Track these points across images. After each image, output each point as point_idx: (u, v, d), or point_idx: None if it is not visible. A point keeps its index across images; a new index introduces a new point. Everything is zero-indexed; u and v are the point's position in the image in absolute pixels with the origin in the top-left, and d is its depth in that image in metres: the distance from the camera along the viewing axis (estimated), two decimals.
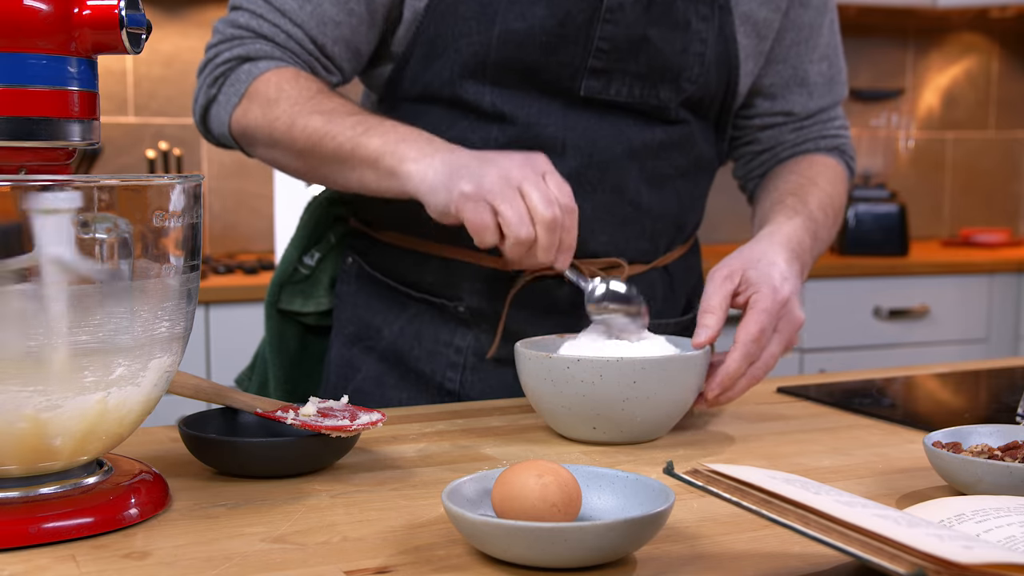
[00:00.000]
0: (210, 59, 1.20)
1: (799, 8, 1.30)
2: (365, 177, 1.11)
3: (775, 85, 1.33)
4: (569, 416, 1.00)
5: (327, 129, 1.11)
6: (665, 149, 1.24)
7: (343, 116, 1.12)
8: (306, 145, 1.13)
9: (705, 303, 1.06)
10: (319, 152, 1.13)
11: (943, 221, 3.80)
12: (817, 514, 0.61)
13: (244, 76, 1.17)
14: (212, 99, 1.20)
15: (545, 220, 1.01)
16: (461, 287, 1.23)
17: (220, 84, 1.19)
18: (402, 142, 1.08)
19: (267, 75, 1.16)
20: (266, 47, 1.18)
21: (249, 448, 0.89)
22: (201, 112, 1.22)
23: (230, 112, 1.18)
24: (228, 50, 1.19)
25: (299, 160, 1.16)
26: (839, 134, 1.38)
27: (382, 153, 1.08)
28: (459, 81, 1.18)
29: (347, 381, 1.29)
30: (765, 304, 1.05)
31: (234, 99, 1.17)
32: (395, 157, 1.07)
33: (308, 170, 1.18)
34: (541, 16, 1.15)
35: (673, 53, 1.19)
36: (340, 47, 1.20)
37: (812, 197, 1.25)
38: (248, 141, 1.19)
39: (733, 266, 1.09)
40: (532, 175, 1.02)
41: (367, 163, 1.10)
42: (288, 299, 1.35)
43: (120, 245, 0.72)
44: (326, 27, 1.18)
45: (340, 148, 1.11)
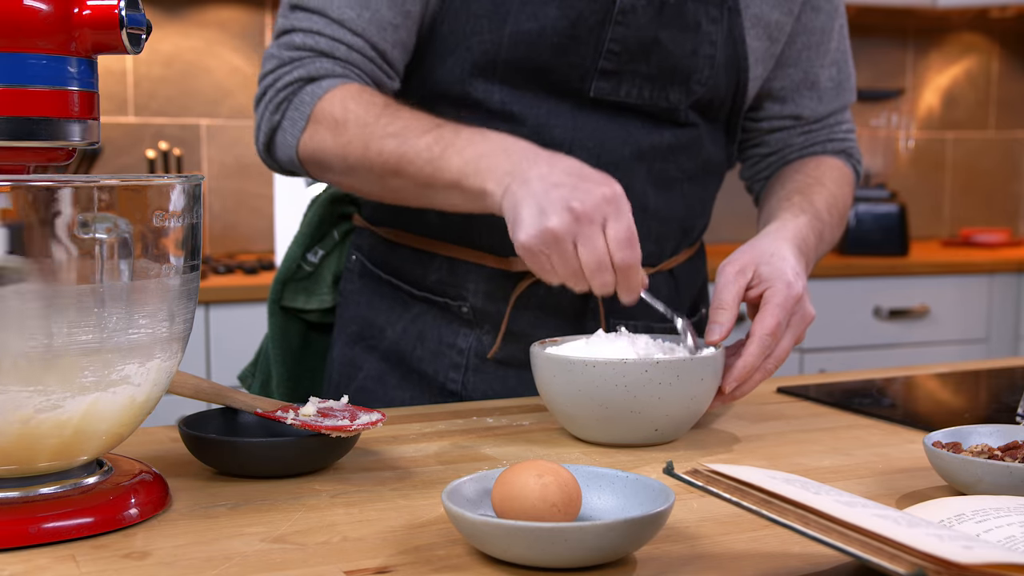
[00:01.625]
0: (269, 85, 1.16)
1: (811, 12, 1.31)
2: (451, 199, 1.08)
3: (785, 88, 1.33)
4: (586, 418, 0.99)
5: (403, 152, 1.08)
6: (673, 152, 1.24)
7: (417, 135, 1.08)
8: (383, 170, 1.09)
9: (717, 299, 1.06)
10: (400, 176, 1.09)
11: (943, 221, 3.80)
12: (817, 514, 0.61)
13: (308, 98, 1.13)
14: (276, 126, 1.15)
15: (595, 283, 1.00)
16: (465, 287, 1.23)
17: (284, 109, 1.15)
18: (482, 159, 1.04)
19: (331, 94, 1.12)
20: (327, 64, 1.14)
21: (249, 448, 0.89)
22: (265, 140, 1.17)
23: (297, 137, 1.14)
24: (288, 73, 1.15)
25: (378, 184, 1.12)
26: (846, 137, 1.38)
27: (464, 175, 1.05)
28: (469, 79, 1.18)
29: (349, 380, 1.29)
30: (780, 299, 1.05)
31: (300, 123, 1.13)
32: (478, 178, 1.04)
33: (389, 193, 1.13)
34: (553, 17, 1.15)
35: (683, 55, 1.19)
36: (398, 50, 1.17)
37: (819, 197, 1.25)
38: (320, 168, 1.15)
39: (744, 261, 1.09)
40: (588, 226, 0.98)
41: (451, 186, 1.06)
42: (291, 296, 1.35)
43: (120, 245, 0.72)
44: (385, 32, 1.15)
45: (420, 172, 1.07)
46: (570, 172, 1.01)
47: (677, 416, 1.00)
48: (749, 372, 1.04)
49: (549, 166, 1.01)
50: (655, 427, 0.99)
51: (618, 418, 0.98)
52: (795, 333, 1.08)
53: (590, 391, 0.97)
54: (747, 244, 1.13)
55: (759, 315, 1.05)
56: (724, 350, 1.03)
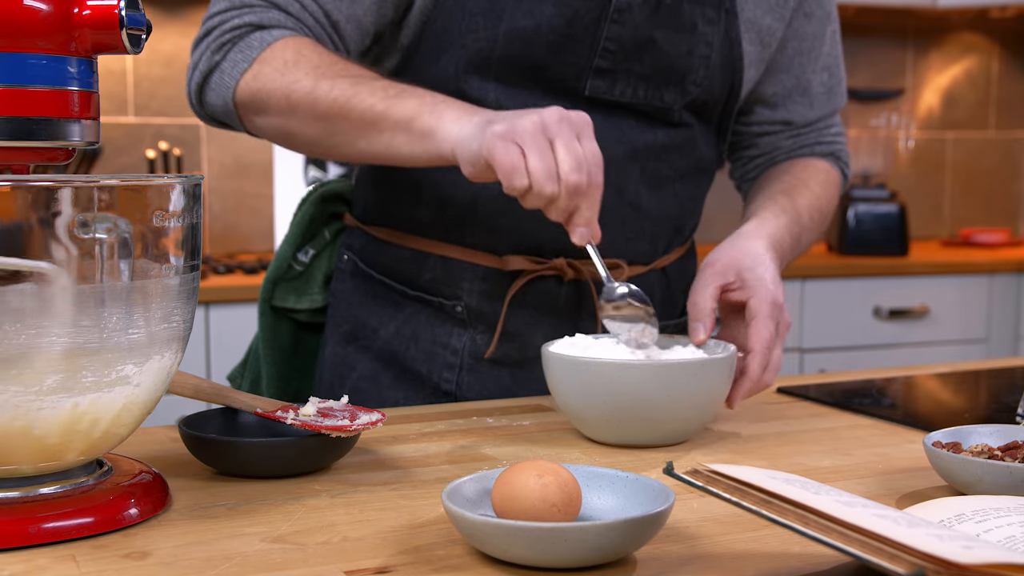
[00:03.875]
0: (215, 26, 1.14)
1: (803, 19, 1.31)
2: (395, 140, 1.05)
3: (777, 95, 1.34)
4: (598, 419, 0.99)
5: (355, 91, 1.06)
6: (666, 151, 1.24)
7: (372, 79, 1.08)
8: (330, 108, 1.07)
9: (692, 300, 1.08)
10: (345, 115, 1.07)
11: (943, 221, 3.80)
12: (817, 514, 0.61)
13: (256, 43, 1.11)
14: (215, 65, 1.13)
15: (569, 183, 0.95)
16: (459, 286, 1.23)
17: (227, 51, 1.13)
18: (441, 103, 1.04)
19: (283, 41, 1.11)
20: (279, 16, 1.13)
21: (249, 448, 0.89)
22: (200, 79, 1.15)
23: (237, 78, 1.11)
24: (237, 16, 1.13)
25: (318, 125, 1.10)
26: (835, 140, 1.40)
27: (418, 113, 1.03)
28: (464, 77, 1.18)
29: (342, 380, 1.29)
30: (768, 310, 1.07)
31: (243, 64, 1.11)
32: (433, 116, 1.02)
33: (327, 136, 1.11)
34: (549, 15, 1.15)
35: (679, 55, 1.20)
36: (352, 26, 1.17)
37: (802, 199, 1.27)
38: (255, 108, 1.13)
39: (725, 262, 1.10)
40: (567, 132, 0.97)
41: (400, 125, 1.04)
42: (282, 296, 1.35)
43: (120, 245, 0.72)
44: (341, 3, 1.15)
45: (370, 109, 1.05)
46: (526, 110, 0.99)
47: (691, 417, 1.00)
48: (756, 387, 1.06)
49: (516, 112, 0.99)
50: (668, 428, 0.99)
51: (631, 419, 0.98)
52: (782, 340, 1.10)
53: (603, 392, 0.97)
54: (727, 242, 1.14)
55: (753, 327, 1.07)
56: (736, 350, 1.03)
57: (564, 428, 1.07)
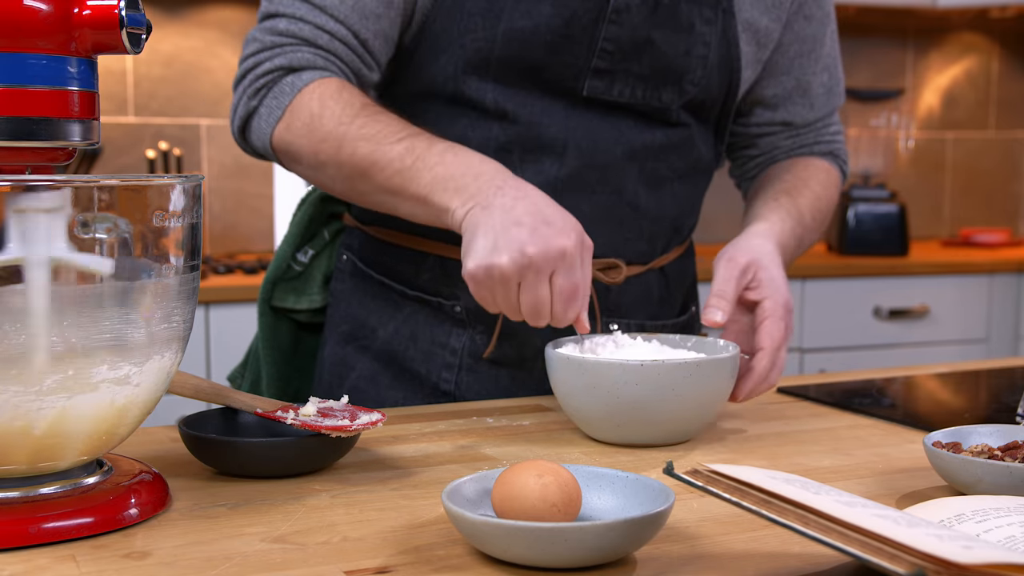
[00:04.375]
0: (249, 69, 1.16)
1: (802, 21, 1.31)
2: (415, 211, 1.09)
3: (777, 96, 1.35)
4: (600, 418, 0.99)
5: (374, 159, 1.08)
6: (665, 151, 1.24)
7: (390, 143, 1.09)
8: (352, 172, 1.11)
9: (720, 289, 1.09)
10: (368, 180, 1.10)
11: (943, 221, 3.80)
12: (817, 514, 0.61)
13: (288, 89, 1.14)
14: (253, 111, 1.16)
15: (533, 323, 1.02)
16: (458, 286, 1.23)
17: (262, 96, 1.15)
18: (450, 180, 1.05)
19: (311, 87, 1.13)
20: (308, 55, 1.15)
21: (249, 448, 0.89)
22: (240, 124, 1.18)
23: (272, 126, 1.14)
24: (269, 60, 1.15)
25: (345, 184, 1.13)
26: (834, 139, 1.41)
27: (431, 191, 1.06)
28: (462, 77, 1.18)
29: (341, 380, 1.29)
30: (779, 311, 1.10)
31: (277, 112, 1.14)
32: (444, 196, 1.05)
33: (355, 196, 1.15)
34: (547, 15, 1.15)
35: (676, 55, 1.20)
36: (380, 41, 1.17)
37: (804, 200, 1.28)
38: (291, 159, 1.16)
39: (747, 260, 1.12)
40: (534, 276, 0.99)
41: (417, 200, 1.07)
42: (281, 296, 1.35)
43: (120, 245, 0.72)
44: (367, 21, 1.16)
45: (389, 181, 1.08)
46: (533, 212, 1.00)
47: (693, 417, 1.00)
48: (763, 386, 1.09)
49: (514, 198, 1.01)
50: (670, 428, 1.00)
51: (634, 419, 0.98)
52: (788, 343, 1.12)
53: (606, 392, 0.97)
54: (742, 241, 1.16)
55: (765, 327, 1.09)
56: (739, 351, 1.04)
57: (564, 428, 1.08)
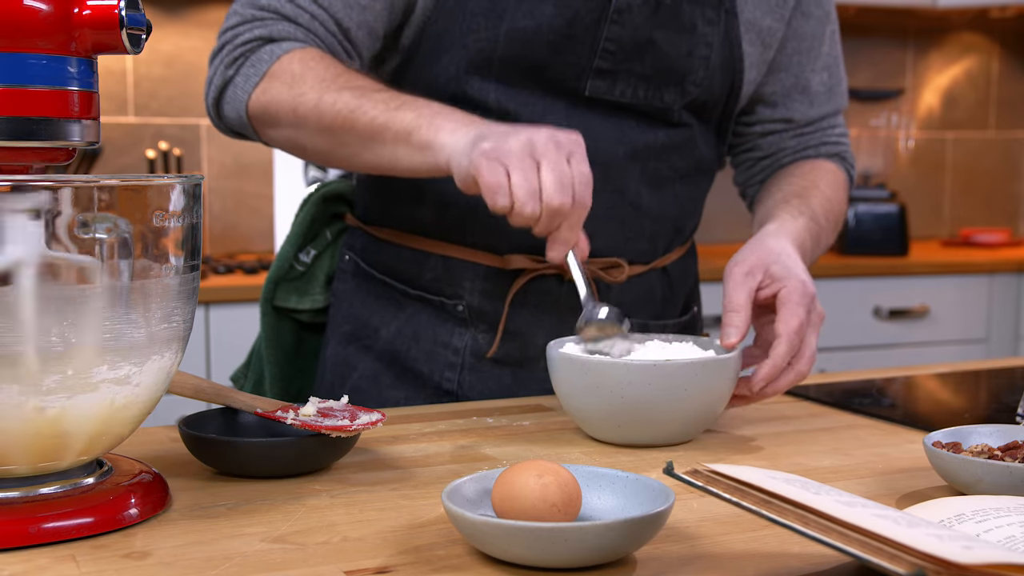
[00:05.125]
0: (228, 41, 1.16)
1: (801, 18, 1.31)
2: (397, 153, 1.07)
3: (776, 93, 1.34)
4: (602, 419, 0.99)
5: (358, 103, 1.08)
6: (667, 151, 1.24)
7: (374, 92, 1.09)
8: (334, 121, 1.09)
9: (729, 302, 1.05)
10: (349, 128, 1.08)
11: (943, 221, 3.80)
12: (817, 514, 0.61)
13: (266, 56, 1.13)
14: (229, 80, 1.15)
15: (552, 206, 0.97)
16: (460, 286, 1.23)
17: (239, 65, 1.15)
18: (438, 115, 1.05)
19: (291, 54, 1.12)
20: (289, 28, 1.15)
21: (249, 448, 0.89)
22: (216, 94, 1.17)
23: (249, 92, 1.14)
24: (248, 31, 1.15)
25: (324, 137, 1.11)
26: (840, 141, 1.39)
27: (417, 126, 1.04)
28: (464, 77, 1.18)
29: (343, 380, 1.29)
30: (798, 297, 1.04)
31: (254, 78, 1.13)
32: (431, 128, 1.04)
33: (333, 148, 1.12)
34: (549, 15, 1.15)
35: (679, 56, 1.20)
36: (363, 32, 1.18)
37: (815, 201, 1.25)
38: (267, 121, 1.15)
39: (752, 262, 1.07)
40: (555, 152, 0.98)
41: (400, 137, 1.06)
42: (283, 296, 1.35)
43: (120, 245, 0.72)
44: (352, 11, 1.16)
45: (372, 122, 1.07)
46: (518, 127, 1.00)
47: (695, 418, 1.00)
48: (777, 371, 1.03)
49: (502, 125, 1.01)
50: (672, 428, 0.99)
51: (636, 419, 0.98)
52: (816, 331, 1.06)
53: (608, 393, 0.97)
54: (750, 244, 1.12)
55: (781, 314, 1.04)
56: (742, 351, 1.03)
57: (564, 428, 1.08)
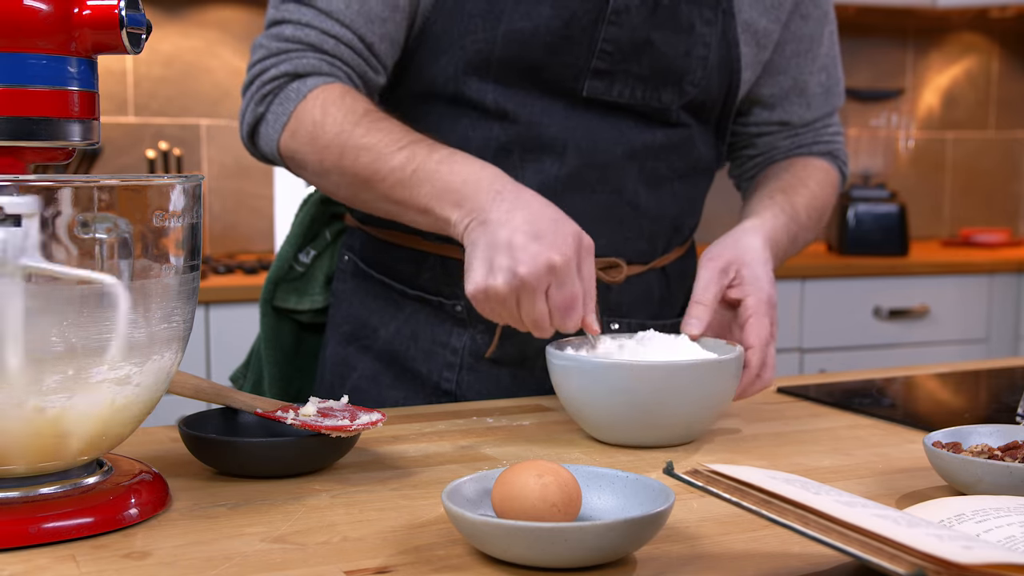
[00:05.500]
0: (256, 75, 1.17)
1: (799, 20, 1.31)
2: (419, 221, 1.10)
3: (774, 96, 1.35)
4: (602, 419, 0.99)
5: (375, 168, 1.09)
6: (665, 151, 1.25)
7: (390, 152, 1.09)
8: (355, 181, 1.11)
9: (699, 294, 1.10)
10: (371, 189, 1.11)
11: (943, 221, 3.80)
12: (817, 514, 0.61)
13: (293, 95, 1.14)
14: (260, 118, 1.17)
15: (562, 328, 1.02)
16: (459, 285, 1.23)
17: (269, 103, 1.16)
18: (448, 194, 1.05)
19: (314, 94, 1.13)
20: (314, 60, 1.15)
21: (249, 448, 0.89)
22: (249, 130, 1.19)
23: (279, 132, 1.15)
24: (275, 66, 1.16)
25: (350, 192, 1.14)
26: (833, 140, 1.40)
27: (431, 205, 1.07)
28: (462, 78, 1.18)
29: (343, 380, 1.29)
30: (763, 308, 1.10)
31: (283, 118, 1.15)
32: (444, 209, 1.06)
33: (361, 204, 1.16)
34: (547, 16, 1.15)
35: (676, 56, 1.20)
36: (386, 44, 1.18)
37: (800, 198, 1.27)
38: (297, 166, 1.17)
39: (727, 258, 1.12)
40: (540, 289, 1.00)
41: (420, 211, 1.08)
42: (283, 296, 1.35)
43: (120, 245, 0.72)
44: (373, 24, 1.16)
45: (391, 192, 1.09)
46: (526, 227, 1.00)
47: (696, 418, 1.00)
48: (756, 382, 1.09)
49: (509, 211, 1.01)
50: (673, 429, 0.99)
51: (637, 420, 0.98)
52: (775, 341, 1.13)
53: (608, 393, 0.97)
54: (726, 237, 1.16)
55: (750, 326, 1.09)
56: (741, 351, 1.04)
57: (564, 428, 1.08)
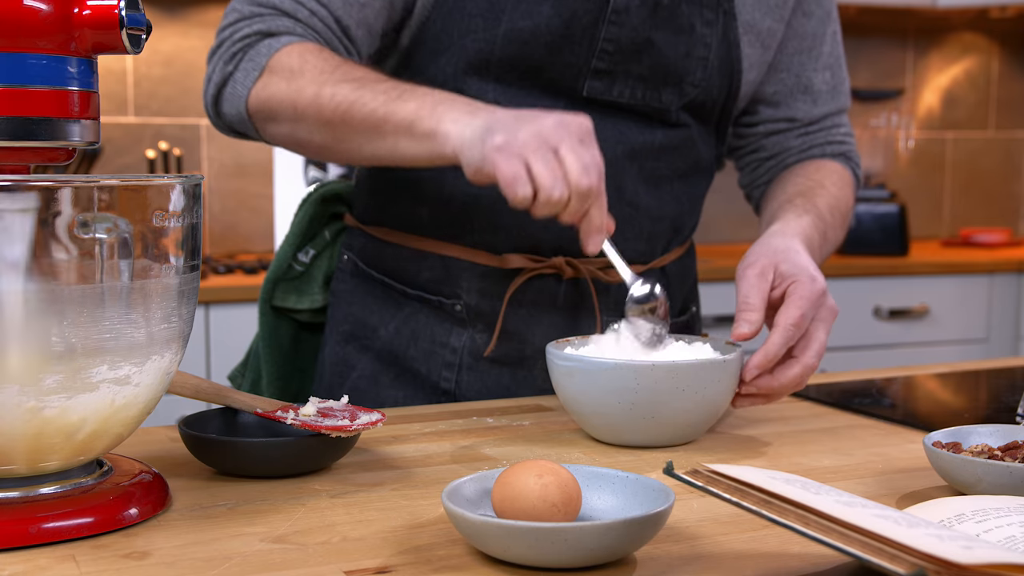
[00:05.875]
0: (226, 37, 1.15)
1: (801, 17, 1.31)
2: (399, 144, 1.05)
3: (779, 93, 1.34)
4: (602, 419, 0.99)
5: (358, 95, 1.06)
6: (665, 151, 1.24)
7: (374, 82, 1.07)
8: (334, 114, 1.07)
9: (744, 301, 1.05)
10: (349, 120, 1.07)
11: (943, 221, 3.80)
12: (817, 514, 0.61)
13: (265, 50, 1.12)
14: (228, 76, 1.14)
15: (580, 187, 0.96)
16: (458, 285, 1.23)
17: (238, 60, 1.14)
18: (440, 104, 1.03)
19: (289, 48, 1.11)
20: (287, 23, 1.14)
21: (249, 448, 0.89)
22: (214, 91, 1.16)
23: (249, 87, 1.12)
24: (247, 26, 1.14)
25: (325, 131, 1.10)
26: (844, 140, 1.38)
27: (419, 116, 1.03)
28: (462, 77, 1.18)
29: (342, 379, 1.29)
30: (804, 292, 1.04)
31: (254, 73, 1.12)
32: (433, 118, 1.02)
33: (334, 142, 1.11)
34: (547, 16, 1.15)
35: (677, 57, 1.20)
36: (362, 30, 1.17)
37: (821, 199, 1.25)
38: (266, 116, 1.13)
39: (763, 263, 1.07)
40: (568, 138, 0.97)
41: (402, 128, 1.04)
42: (282, 296, 1.35)
43: (120, 245, 0.72)
44: (351, 8, 1.15)
45: (373, 114, 1.05)
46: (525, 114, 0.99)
47: (697, 418, 1.00)
48: (770, 361, 1.02)
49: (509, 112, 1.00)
50: (674, 429, 0.99)
51: (637, 421, 0.98)
52: (826, 326, 1.06)
53: (608, 394, 0.97)
54: (757, 245, 1.12)
55: (784, 307, 1.04)
56: (742, 351, 1.02)
57: (564, 428, 1.08)
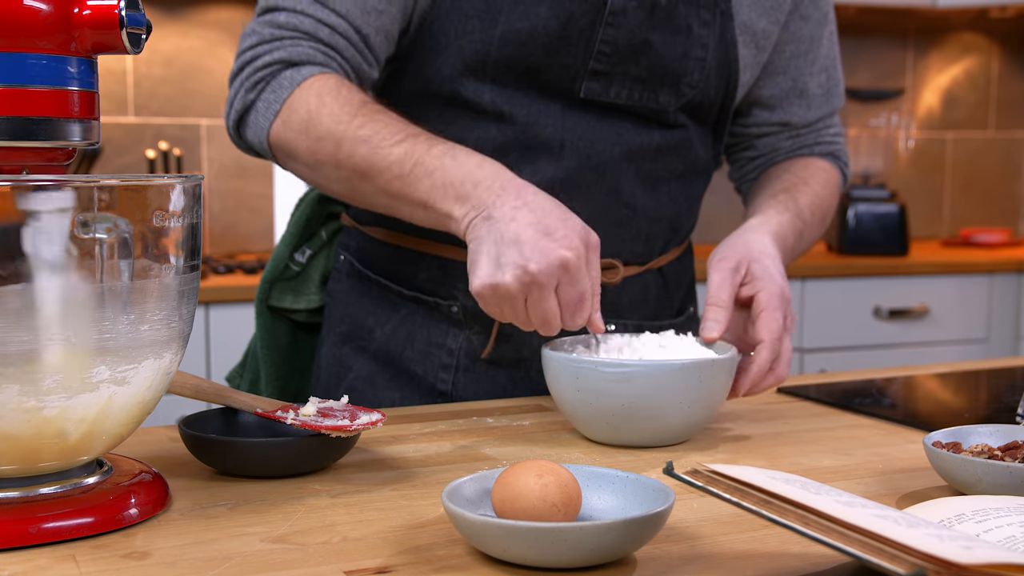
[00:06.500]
0: (247, 62, 1.14)
1: (799, 21, 1.31)
2: (417, 216, 1.08)
3: (774, 97, 1.35)
4: (597, 420, 0.99)
5: (373, 162, 1.07)
6: (662, 152, 1.24)
7: (388, 146, 1.07)
8: (351, 175, 1.09)
9: (713, 297, 1.08)
10: (367, 184, 1.09)
11: (943, 221, 3.80)
12: (817, 514, 0.61)
13: (287, 83, 1.12)
14: (250, 105, 1.14)
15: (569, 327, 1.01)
16: (455, 286, 1.23)
17: (260, 90, 1.13)
18: (449, 188, 1.03)
19: (309, 83, 1.11)
20: (308, 49, 1.13)
21: (249, 448, 0.89)
22: (236, 117, 1.16)
23: (270, 121, 1.12)
24: (268, 53, 1.13)
25: (345, 186, 1.12)
26: (834, 140, 1.40)
27: (432, 198, 1.04)
28: (459, 79, 1.18)
29: (339, 380, 1.29)
30: (775, 302, 1.09)
31: (275, 106, 1.12)
32: (445, 203, 1.04)
33: (355, 197, 1.13)
34: (544, 17, 1.15)
35: (674, 58, 1.20)
36: (381, 37, 1.17)
37: (803, 196, 1.27)
38: (287, 156, 1.14)
39: (737, 258, 1.11)
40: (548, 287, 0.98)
41: (417, 205, 1.06)
42: (279, 296, 1.35)
43: (120, 245, 0.72)
44: (369, 16, 1.15)
45: (388, 186, 1.07)
46: (534, 222, 0.99)
47: (690, 419, 1.00)
48: (762, 376, 1.07)
49: (514, 207, 1.00)
50: (668, 430, 0.99)
51: (631, 421, 0.98)
52: (791, 335, 1.11)
53: (603, 394, 0.97)
54: (733, 237, 1.16)
55: (762, 320, 1.08)
56: (736, 351, 1.04)
57: (564, 428, 1.08)
